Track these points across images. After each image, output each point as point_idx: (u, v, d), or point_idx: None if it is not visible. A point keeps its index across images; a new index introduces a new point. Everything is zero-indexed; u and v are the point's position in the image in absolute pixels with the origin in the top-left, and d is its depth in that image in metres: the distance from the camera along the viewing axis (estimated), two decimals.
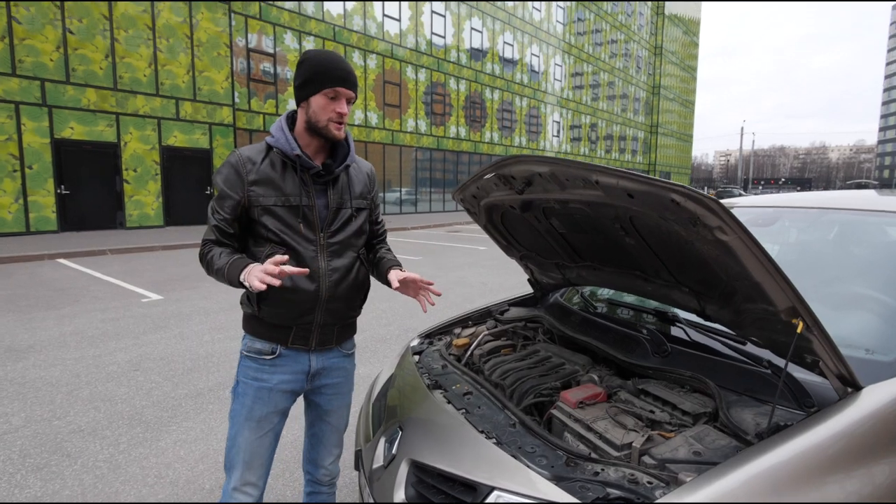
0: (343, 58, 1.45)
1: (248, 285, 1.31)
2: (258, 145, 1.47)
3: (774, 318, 1.12)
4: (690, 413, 1.24)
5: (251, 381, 1.50)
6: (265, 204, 1.42)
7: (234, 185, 1.42)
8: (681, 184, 1.00)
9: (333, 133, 1.43)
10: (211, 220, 1.46)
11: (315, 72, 1.39)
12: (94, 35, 11.94)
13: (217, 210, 1.44)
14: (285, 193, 1.43)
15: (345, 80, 1.41)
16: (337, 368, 1.61)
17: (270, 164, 1.43)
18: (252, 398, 1.50)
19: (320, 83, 1.39)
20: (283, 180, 1.43)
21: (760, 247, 0.99)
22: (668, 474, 1.02)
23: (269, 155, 1.44)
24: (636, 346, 1.56)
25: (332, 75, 1.39)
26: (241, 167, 1.42)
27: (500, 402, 1.40)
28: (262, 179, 1.42)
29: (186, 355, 4.10)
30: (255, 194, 1.42)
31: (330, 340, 1.56)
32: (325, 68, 1.39)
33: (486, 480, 1.11)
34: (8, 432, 2.82)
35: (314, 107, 1.41)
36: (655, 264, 1.41)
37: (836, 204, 1.77)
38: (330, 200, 1.48)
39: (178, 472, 2.46)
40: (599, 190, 1.22)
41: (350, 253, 1.53)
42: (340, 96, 1.41)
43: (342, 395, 1.66)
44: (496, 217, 1.91)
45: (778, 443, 1.00)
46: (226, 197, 1.43)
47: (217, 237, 1.45)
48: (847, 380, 1.12)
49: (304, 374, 1.54)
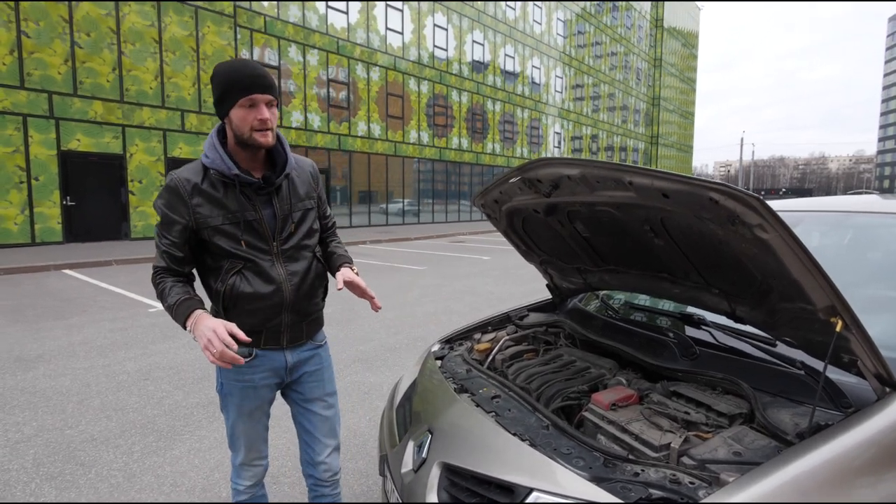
0: (252, 62, 1.41)
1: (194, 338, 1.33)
2: (194, 165, 1.45)
3: (812, 316, 1.11)
4: (726, 414, 1.23)
5: (234, 381, 1.55)
6: (213, 224, 1.42)
7: (178, 209, 1.41)
8: (720, 181, 1.00)
9: (260, 142, 1.40)
10: (159, 247, 1.45)
11: (225, 85, 1.37)
12: (101, 48, 12.08)
13: (164, 235, 1.44)
14: (231, 211, 1.43)
15: (255, 84, 1.36)
16: (312, 358, 1.66)
17: (210, 184, 1.42)
18: (239, 396, 1.56)
19: (233, 95, 1.36)
20: (226, 198, 1.42)
21: (801, 244, 0.99)
22: (709, 475, 1.01)
23: (208, 175, 1.43)
24: (663, 350, 1.56)
25: (241, 84, 1.35)
26: (182, 190, 1.41)
27: (531, 404, 1.39)
28: (205, 200, 1.41)
29: (196, 364, 4.09)
30: (201, 216, 1.41)
31: (300, 336, 1.60)
32: (233, 79, 1.36)
33: (524, 482, 1.10)
34: (20, 441, 2.81)
35: (235, 121, 1.39)
36: (685, 266, 1.40)
37: (861, 207, 1.78)
38: (276, 210, 1.49)
39: (194, 480, 2.44)
40: (632, 191, 1.22)
41: (305, 254, 1.56)
42: (257, 103, 1.37)
43: (323, 382, 1.69)
44: (517, 222, 1.91)
45: (821, 442, 0.99)
46: (171, 222, 1.42)
47: (167, 264, 1.45)
48: (885, 379, 1.11)
49: (282, 368, 1.59)
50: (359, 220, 19.43)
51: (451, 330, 2.22)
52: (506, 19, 25.46)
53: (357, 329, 5.17)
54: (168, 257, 1.45)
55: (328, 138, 17.95)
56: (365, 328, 5.23)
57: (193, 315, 1.36)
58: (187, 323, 1.36)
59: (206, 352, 1.28)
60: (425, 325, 5.38)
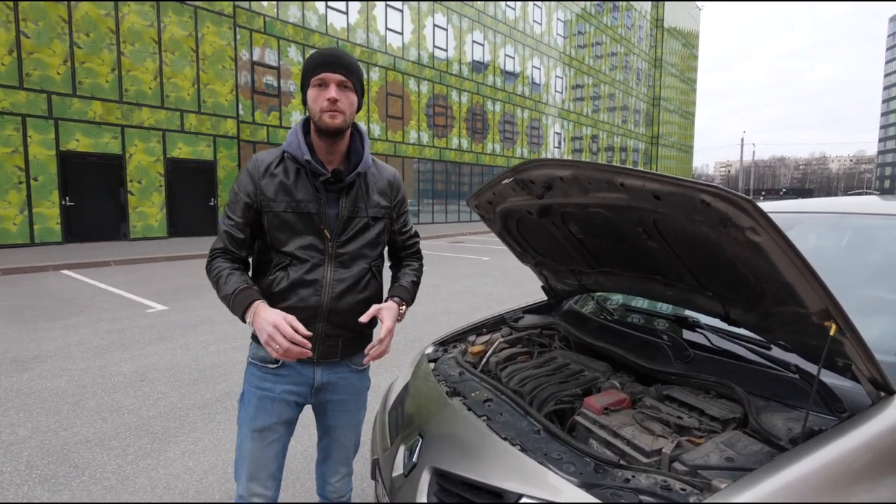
0: (334, 47, 1.42)
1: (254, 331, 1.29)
2: (275, 150, 1.45)
3: (805, 320, 1.10)
4: (719, 419, 1.21)
5: (255, 389, 1.47)
6: (276, 209, 1.39)
7: (248, 189, 1.40)
8: (711, 184, 0.99)
9: (327, 122, 1.35)
10: (222, 227, 1.44)
11: (305, 69, 1.38)
12: (100, 49, 12.07)
13: (229, 216, 1.43)
14: (297, 200, 1.40)
15: (327, 63, 1.34)
16: (344, 385, 1.53)
17: (284, 169, 1.41)
18: (255, 407, 1.46)
19: (308, 76, 1.37)
20: (295, 186, 1.40)
21: (794, 247, 0.97)
22: (701, 480, 1.00)
23: (284, 160, 1.42)
24: (657, 353, 1.54)
25: (314, 63, 1.35)
26: (256, 171, 1.41)
27: (522, 408, 1.37)
28: (275, 184, 1.40)
29: (192, 366, 4.08)
30: (265, 198, 1.39)
31: (334, 353, 1.48)
32: (310, 60, 1.37)
33: (514, 487, 1.08)
34: (14, 443, 2.79)
35: (309, 103, 1.38)
36: (678, 269, 1.39)
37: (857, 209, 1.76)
38: (341, 209, 1.42)
39: (187, 482, 2.43)
40: (624, 193, 1.21)
41: (360, 264, 1.46)
42: (327, 82, 1.34)
43: (349, 413, 1.59)
44: (512, 223, 1.90)
45: (814, 448, 0.98)
46: (238, 201, 1.41)
47: (226, 244, 1.42)
48: (880, 384, 1.10)
49: (307, 385, 1.48)
50: None
51: (446, 332, 2.21)
52: (506, 19, 25.44)
53: None
54: (228, 238, 1.41)
55: None
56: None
57: (253, 307, 1.32)
58: (246, 316, 1.32)
59: (268, 347, 1.26)
60: (423, 325, 5.37)
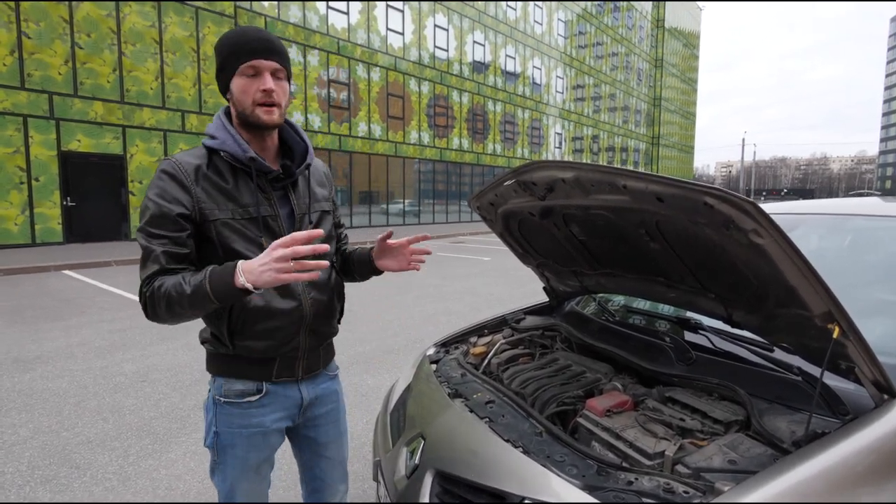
0: (260, 28, 1.22)
1: (260, 287, 1.02)
2: (196, 150, 1.22)
3: (808, 322, 1.10)
4: (722, 421, 1.21)
5: (239, 429, 1.27)
6: (221, 218, 1.17)
7: (177, 196, 1.14)
8: (714, 186, 0.99)
9: (262, 118, 1.17)
10: (153, 251, 1.11)
11: (227, 52, 1.16)
12: (102, 49, 12.08)
13: (157, 234, 1.12)
14: (242, 204, 1.19)
15: (264, 49, 1.15)
16: (328, 394, 1.43)
17: (216, 170, 1.19)
18: (245, 448, 1.27)
19: (234, 62, 1.16)
20: (236, 189, 1.19)
21: (797, 250, 0.97)
22: (704, 483, 1.00)
23: (213, 160, 1.20)
24: (659, 354, 1.54)
25: (244, 48, 1.15)
26: (184, 176, 1.15)
27: (525, 410, 1.37)
28: (212, 188, 1.18)
29: (194, 366, 4.08)
30: (207, 207, 1.16)
31: (317, 365, 1.37)
32: (235, 43, 1.16)
33: (516, 490, 1.08)
34: (16, 443, 2.80)
35: (235, 93, 1.17)
36: (681, 270, 1.39)
37: (859, 210, 1.76)
38: (294, 207, 1.28)
39: (189, 483, 2.43)
40: (626, 195, 1.21)
41: (324, 261, 1.35)
42: (261, 70, 1.16)
43: (337, 423, 1.47)
44: (513, 225, 1.89)
45: (817, 451, 0.98)
46: (166, 214, 1.13)
47: (163, 265, 1.12)
48: (883, 386, 1.09)
49: (296, 406, 1.35)
50: (359, 221, 19.43)
51: (447, 332, 2.21)
52: (506, 20, 25.45)
53: (355, 330, 5.15)
54: (168, 257, 1.12)
55: (329, 139, 17.95)
56: (363, 329, 5.22)
57: (238, 266, 1.04)
58: (236, 281, 1.03)
59: (285, 276, 0.99)
60: (424, 326, 5.37)
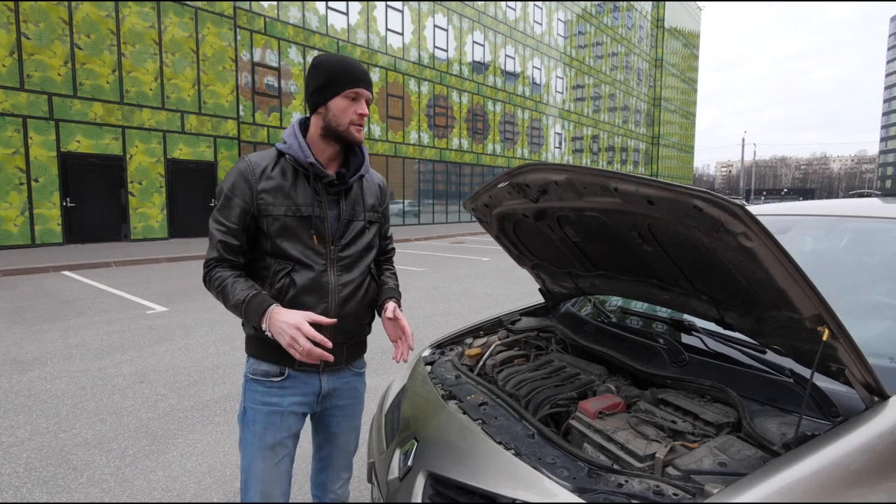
0: (356, 60, 1.42)
1: (271, 336, 1.25)
2: (268, 152, 1.40)
3: (798, 325, 1.10)
4: (713, 423, 1.21)
5: (260, 406, 1.41)
6: (275, 213, 1.34)
7: (243, 193, 1.33)
8: (704, 189, 0.99)
9: (355, 136, 1.38)
10: (215, 236, 1.35)
11: (334, 74, 1.35)
12: (101, 50, 12.09)
13: (221, 222, 1.34)
14: (296, 203, 1.36)
15: (365, 80, 1.37)
16: (348, 389, 1.53)
17: (281, 171, 1.37)
18: (263, 424, 1.40)
19: (341, 85, 1.34)
20: (294, 189, 1.36)
21: (786, 253, 0.97)
22: (693, 486, 1.00)
23: (280, 162, 1.38)
24: (653, 356, 1.54)
25: (351, 76, 1.35)
26: (250, 174, 1.34)
27: (518, 412, 1.37)
28: (273, 187, 1.35)
29: (192, 367, 4.08)
30: (264, 202, 1.34)
31: (339, 360, 1.46)
32: (344, 69, 1.35)
33: (507, 491, 1.09)
34: (13, 445, 2.80)
35: (334, 110, 1.35)
36: (673, 272, 1.39)
37: (852, 212, 1.76)
38: (342, 212, 1.42)
39: (185, 485, 2.43)
40: (618, 197, 1.21)
41: (361, 266, 1.46)
42: (360, 97, 1.37)
43: (352, 417, 1.59)
44: (508, 226, 1.90)
45: (807, 453, 0.98)
46: (232, 206, 1.34)
47: (221, 253, 1.35)
48: (874, 388, 1.10)
49: (314, 395, 1.46)
50: None
51: (444, 334, 2.21)
52: (506, 20, 25.46)
53: None
54: (224, 246, 1.34)
55: None
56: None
57: (269, 311, 1.27)
58: (262, 321, 1.27)
59: (290, 350, 1.23)
60: (423, 327, 5.37)
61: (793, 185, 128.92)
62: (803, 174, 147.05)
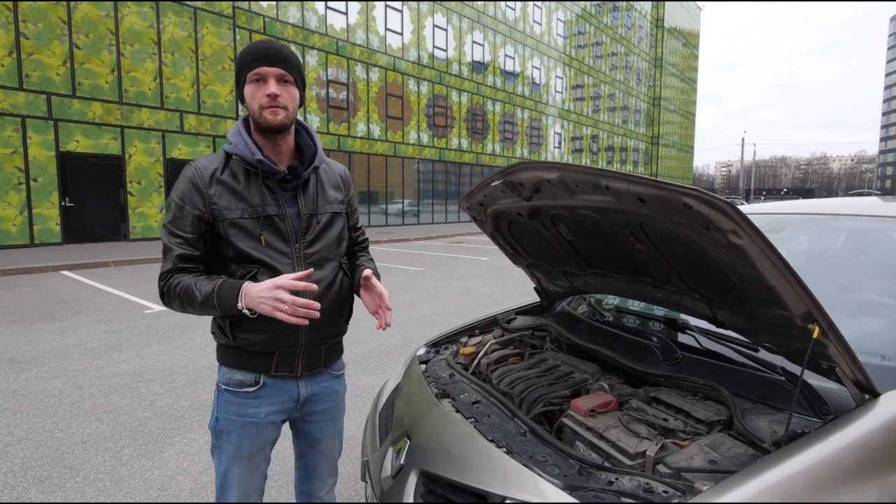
0: (269, 39, 1.32)
1: (254, 312, 1.19)
2: (216, 155, 1.34)
3: (789, 323, 1.10)
4: (704, 421, 1.22)
5: (234, 416, 1.35)
6: (231, 217, 1.27)
7: (193, 200, 1.27)
8: (693, 187, 0.99)
9: (268, 119, 1.27)
10: (172, 249, 1.27)
11: (238, 64, 1.29)
12: (100, 50, 12.09)
13: (176, 233, 1.27)
14: (251, 204, 1.29)
15: (264, 57, 1.25)
16: (328, 393, 1.47)
17: (231, 173, 1.30)
18: (238, 435, 1.35)
19: (244, 71, 1.27)
20: (247, 190, 1.29)
21: (775, 250, 0.97)
22: (683, 483, 1.00)
23: (229, 164, 1.31)
24: (646, 354, 1.54)
25: (250, 57, 1.26)
26: (199, 179, 1.27)
27: (510, 410, 1.38)
28: (224, 190, 1.28)
29: (189, 366, 4.08)
30: (218, 207, 1.27)
31: (318, 363, 1.41)
32: (244, 54, 1.28)
33: (498, 490, 1.09)
34: (10, 444, 2.80)
35: (247, 100, 1.29)
36: (666, 271, 1.39)
37: (846, 210, 1.76)
38: (302, 208, 1.35)
39: (181, 483, 2.43)
40: (610, 195, 1.21)
41: (331, 263, 1.40)
42: (265, 77, 1.26)
43: (334, 421, 1.52)
44: (503, 225, 1.90)
45: (796, 450, 0.98)
46: (184, 215, 1.27)
47: (176, 266, 1.27)
48: (864, 386, 1.10)
49: (293, 402, 1.40)
50: None
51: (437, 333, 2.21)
52: (506, 20, 25.46)
53: (352, 330, 5.14)
54: (182, 259, 1.27)
55: (328, 139, 17.96)
56: (360, 329, 5.22)
57: (242, 289, 1.20)
58: (238, 302, 1.20)
59: (276, 314, 1.16)
60: (421, 326, 5.37)
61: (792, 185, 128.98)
62: (803, 174, 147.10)
